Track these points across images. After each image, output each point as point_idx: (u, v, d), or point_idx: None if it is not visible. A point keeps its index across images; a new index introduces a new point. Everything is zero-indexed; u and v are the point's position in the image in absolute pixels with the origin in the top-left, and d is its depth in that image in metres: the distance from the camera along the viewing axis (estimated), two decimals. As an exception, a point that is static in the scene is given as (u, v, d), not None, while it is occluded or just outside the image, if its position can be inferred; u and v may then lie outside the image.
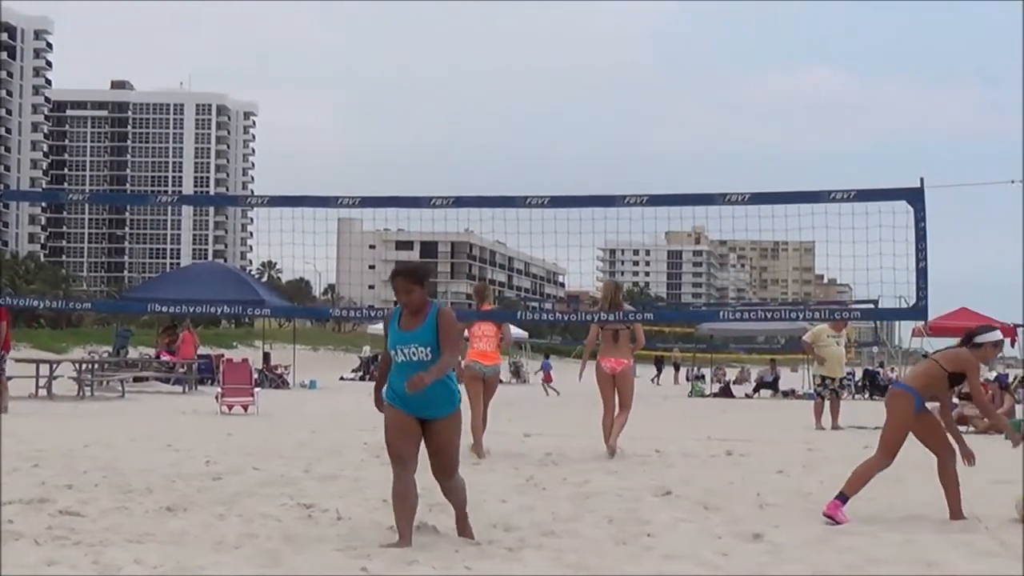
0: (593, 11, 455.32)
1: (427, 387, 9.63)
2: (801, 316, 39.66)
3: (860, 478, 11.94)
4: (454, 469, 10.37)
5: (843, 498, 11.74)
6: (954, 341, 12.67)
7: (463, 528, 10.47)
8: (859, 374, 55.27)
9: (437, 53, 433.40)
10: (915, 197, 16.25)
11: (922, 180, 16.29)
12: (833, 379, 27.36)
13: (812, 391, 30.99)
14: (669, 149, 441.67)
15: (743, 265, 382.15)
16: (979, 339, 12.19)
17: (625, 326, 19.00)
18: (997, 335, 12.31)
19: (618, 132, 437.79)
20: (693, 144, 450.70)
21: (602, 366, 19.00)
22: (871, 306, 30.12)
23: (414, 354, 9.86)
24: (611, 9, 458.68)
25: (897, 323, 48.92)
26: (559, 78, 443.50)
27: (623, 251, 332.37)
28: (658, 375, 77.63)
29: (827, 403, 27.10)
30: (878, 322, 57.07)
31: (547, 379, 54.48)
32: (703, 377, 60.81)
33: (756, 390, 53.02)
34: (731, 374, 68.14)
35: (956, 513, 12.04)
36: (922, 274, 16.22)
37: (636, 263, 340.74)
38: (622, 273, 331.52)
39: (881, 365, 59.78)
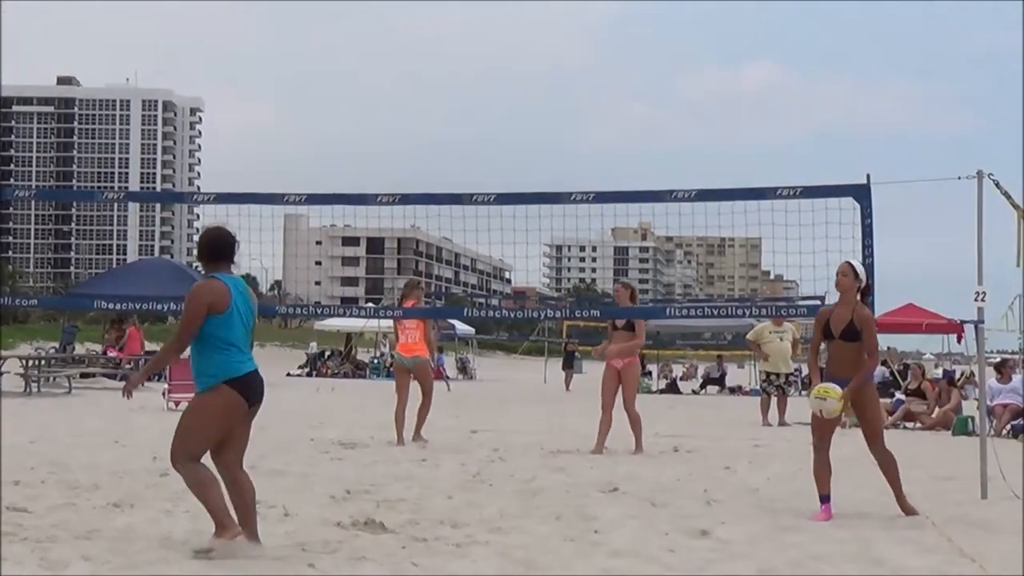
0: (527, 8, 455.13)
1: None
2: (747, 312, 39.84)
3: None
4: (171, 455, 9.60)
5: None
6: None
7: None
8: (805, 370, 55.54)
9: (383, 52, 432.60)
10: (861, 194, 16.29)
11: (868, 176, 16.34)
12: (778, 375, 27.50)
13: (758, 387, 31.12)
14: (607, 146, 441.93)
15: (690, 261, 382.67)
16: None
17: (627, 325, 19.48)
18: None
19: (556, 129, 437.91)
20: (632, 141, 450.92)
21: (609, 363, 19.33)
22: (818, 302, 30.27)
23: None
24: (546, 7, 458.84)
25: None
26: (495, 75, 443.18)
27: (569, 247, 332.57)
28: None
29: (774, 399, 27.23)
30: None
31: (438, 374, 53.84)
32: (650, 373, 60.94)
33: (703, 386, 53.14)
34: (678, 370, 68.32)
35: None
36: (869, 270, 16.27)
37: (583, 259, 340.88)
38: (568, 270, 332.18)
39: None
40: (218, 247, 9.67)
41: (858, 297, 12.14)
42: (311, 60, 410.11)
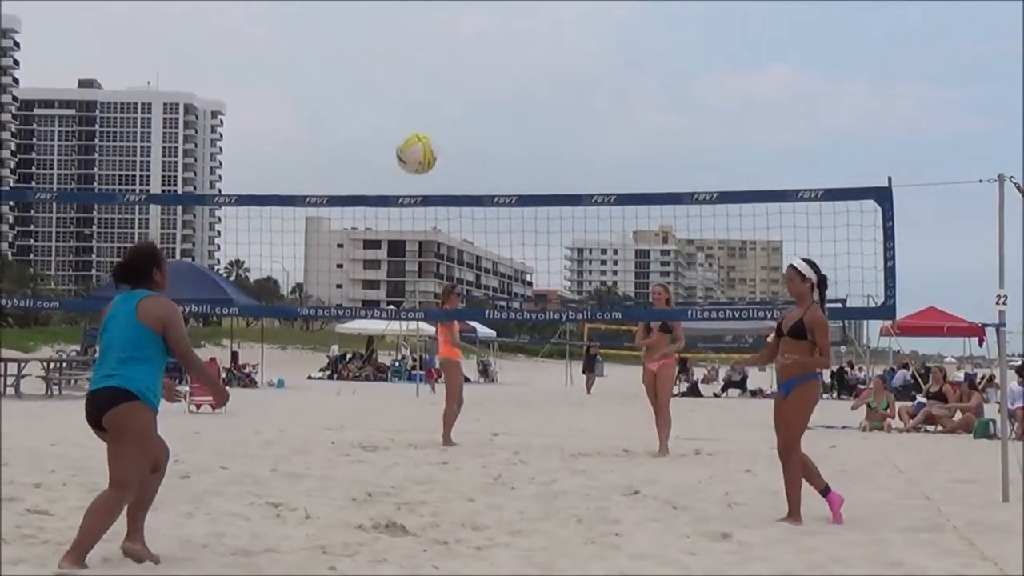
0: (544, 12, 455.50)
1: None
2: (769, 315, 39.72)
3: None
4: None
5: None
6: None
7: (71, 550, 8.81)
8: (827, 374, 55.38)
9: (403, 56, 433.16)
10: (883, 196, 16.28)
11: (890, 179, 16.32)
12: (799, 378, 27.39)
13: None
14: (627, 151, 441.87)
15: (711, 264, 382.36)
16: None
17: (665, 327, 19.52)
18: None
19: (576, 134, 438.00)
20: (652, 145, 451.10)
21: (645, 366, 19.53)
22: (839, 305, 30.23)
23: None
24: (564, 8, 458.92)
25: (865, 322, 48.98)
26: (515, 78, 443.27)
27: (591, 250, 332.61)
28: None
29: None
30: (846, 321, 57.22)
31: (429, 375, 53.81)
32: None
33: (724, 389, 53.11)
34: (699, 373, 68.23)
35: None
36: (890, 273, 16.24)
37: (604, 262, 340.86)
38: (590, 272, 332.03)
39: (849, 364, 59.79)
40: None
41: (815, 296, 11.96)
42: (331, 64, 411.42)
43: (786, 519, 11.66)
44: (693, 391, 52.51)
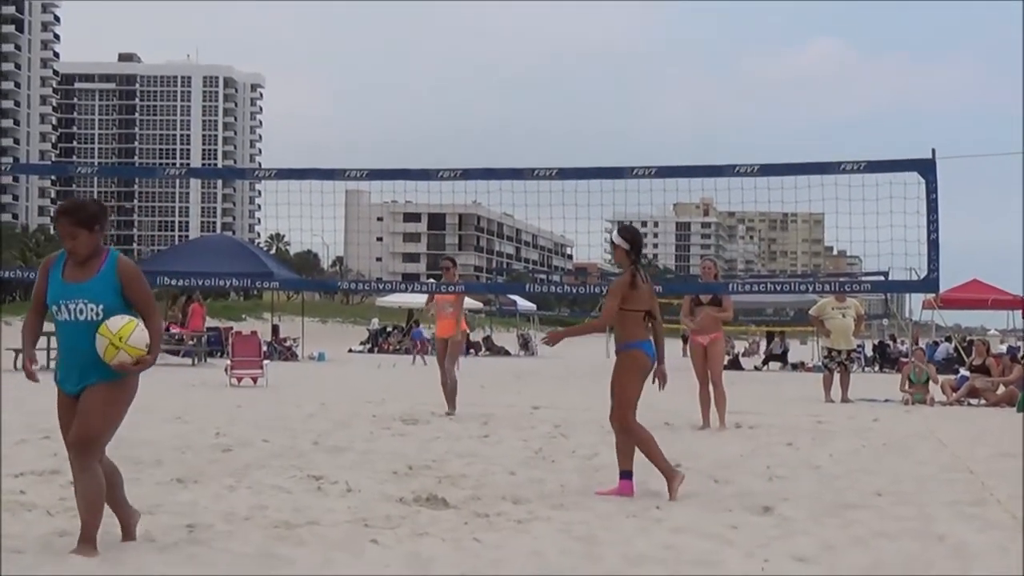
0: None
1: (83, 353, 8.14)
2: (810, 288, 39.62)
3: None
4: (87, 448, 8.37)
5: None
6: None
7: (83, 539, 8.28)
8: (869, 347, 55.20)
9: (439, 28, 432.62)
10: (926, 168, 16.20)
11: (934, 151, 16.25)
12: (840, 351, 27.26)
13: (821, 364, 30.93)
14: (668, 126, 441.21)
15: (752, 237, 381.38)
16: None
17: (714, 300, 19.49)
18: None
19: (617, 111, 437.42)
20: (696, 121, 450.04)
21: (694, 340, 19.37)
22: (881, 278, 30.15)
23: (81, 312, 8.15)
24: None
25: (908, 295, 48.75)
26: (562, 54, 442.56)
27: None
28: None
29: (836, 376, 27.06)
30: (888, 294, 57.00)
31: (418, 349, 53.98)
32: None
33: (765, 362, 52.95)
34: (740, 346, 68.08)
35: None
36: (933, 246, 16.18)
37: (644, 235, 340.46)
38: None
39: (892, 338, 59.63)
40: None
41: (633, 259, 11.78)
42: (372, 39, 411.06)
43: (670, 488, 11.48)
44: (734, 364, 52.43)
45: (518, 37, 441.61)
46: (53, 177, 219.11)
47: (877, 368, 49.98)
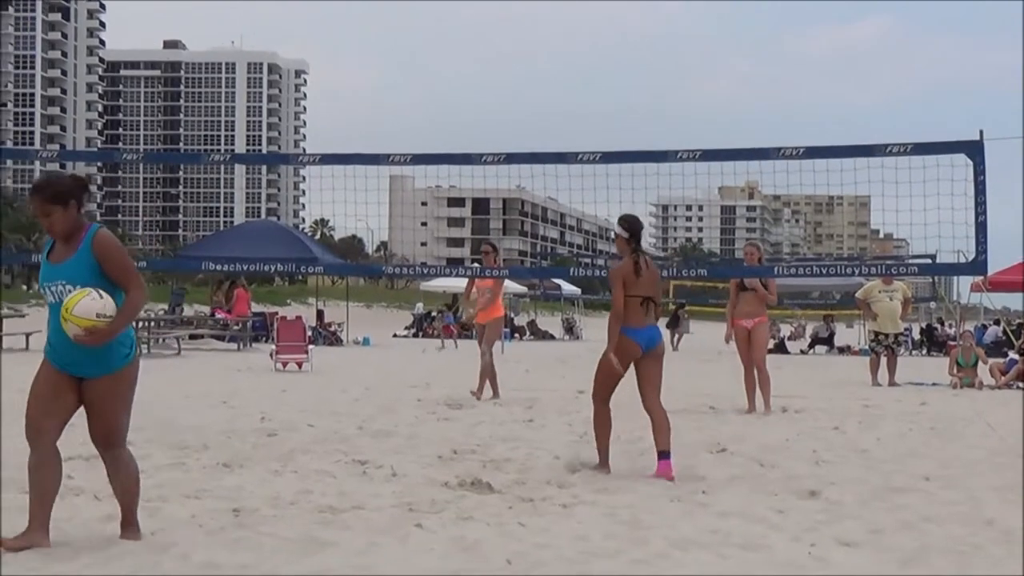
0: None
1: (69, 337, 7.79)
2: (856, 271, 39.40)
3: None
4: (111, 442, 8.38)
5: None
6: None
7: (126, 524, 8.38)
8: (916, 330, 54.88)
9: (488, 17, 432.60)
10: (974, 150, 16.07)
11: (981, 133, 16.11)
12: (887, 335, 27.10)
13: (867, 347, 30.78)
14: (715, 106, 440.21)
15: (797, 220, 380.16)
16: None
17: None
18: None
19: (665, 88, 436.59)
20: (742, 99, 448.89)
21: (738, 324, 19.25)
22: (928, 261, 29.95)
23: (62, 294, 7.81)
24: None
25: (955, 278, 48.51)
26: (607, 33, 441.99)
27: (676, 207, 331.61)
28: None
29: (883, 359, 26.90)
30: (936, 277, 56.67)
31: (447, 332, 54.08)
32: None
33: (811, 346, 52.74)
34: (785, 330, 67.81)
35: None
36: (981, 228, 16.05)
37: (689, 219, 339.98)
38: (675, 229, 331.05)
39: (939, 321, 59.26)
40: None
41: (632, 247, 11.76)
42: (418, 25, 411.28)
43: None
44: (780, 348, 52.22)
45: (565, 16, 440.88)
46: (99, 164, 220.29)
47: (924, 351, 49.70)
